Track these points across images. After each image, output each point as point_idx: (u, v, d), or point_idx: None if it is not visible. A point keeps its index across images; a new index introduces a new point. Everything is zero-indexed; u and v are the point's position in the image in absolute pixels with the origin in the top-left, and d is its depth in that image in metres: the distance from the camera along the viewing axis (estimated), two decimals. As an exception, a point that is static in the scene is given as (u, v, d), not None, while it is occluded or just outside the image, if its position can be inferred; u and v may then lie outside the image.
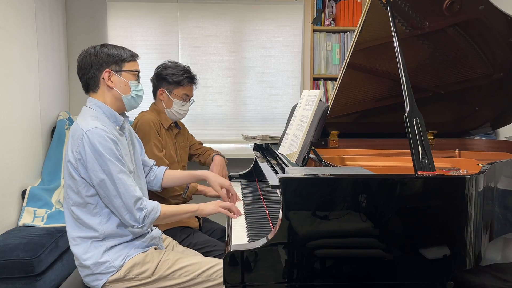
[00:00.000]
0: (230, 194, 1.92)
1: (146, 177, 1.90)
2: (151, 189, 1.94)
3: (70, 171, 1.53)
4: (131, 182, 1.53)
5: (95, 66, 1.59)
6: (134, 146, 1.77)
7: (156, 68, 2.21)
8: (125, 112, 1.71)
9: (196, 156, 2.46)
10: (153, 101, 2.24)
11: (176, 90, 2.15)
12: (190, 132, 2.48)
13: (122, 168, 1.53)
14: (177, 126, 2.30)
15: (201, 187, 2.23)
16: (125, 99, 1.64)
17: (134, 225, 1.54)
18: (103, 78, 1.60)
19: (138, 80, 1.68)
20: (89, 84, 1.62)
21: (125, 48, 1.66)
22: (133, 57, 1.66)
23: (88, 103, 1.63)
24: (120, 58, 1.62)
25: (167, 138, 2.17)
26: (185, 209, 1.70)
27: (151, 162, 1.93)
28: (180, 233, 2.05)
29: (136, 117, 2.13)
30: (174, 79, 2.13)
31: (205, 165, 2.44)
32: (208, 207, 1.71)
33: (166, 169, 1.97)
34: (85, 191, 1.53)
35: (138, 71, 1.68)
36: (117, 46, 1.65)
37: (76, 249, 1.56)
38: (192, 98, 2.23)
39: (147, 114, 2.11)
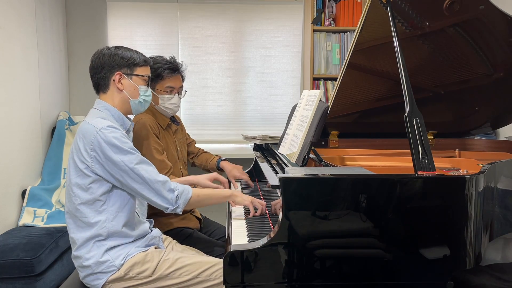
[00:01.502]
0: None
1: None
2: None
3: (81, 169, 1.52)
4: (153, 169, 1.55)
5: (107, 67, 1.61)
6: None
7: None
8: (129, 116, 1.72)
9: (191, 157, 2.39)
10: None
11: (158, 84, 2.04)
12: (189, 131, 2.45)
13: (142, 158, 1.55)
14: (175, 122, 2.20)
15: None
16: (132, 103, 1.66)
17: (168, 207, 1.55)
18: (113, 80, 1.62)
19: (148, 85, 1.70)
20: (100, 84, 1.64)
21: (139, 52, 1.67)
22: (145, 62, 1.68)
23: (96, 104, 1.64)
24: (133, 62, 1.63)
25: (167, 139, 2.11)
26: (218, 194, 1.71)
27: None
28: (180, 233, 2.04)
29: (132, 120, 2.08)
30: (153, 73, 1.99)
31: (202, 169, 2.38)
32: (242, 197, 1.70)
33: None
34: (97, 187, 1.53)
35: (149, 76, 1.70)
36: (131, 50, 1.66)
37: (80, 250, 1.56)
38: (183, 90, 2.12)
39: (143, 117, 2.01)
